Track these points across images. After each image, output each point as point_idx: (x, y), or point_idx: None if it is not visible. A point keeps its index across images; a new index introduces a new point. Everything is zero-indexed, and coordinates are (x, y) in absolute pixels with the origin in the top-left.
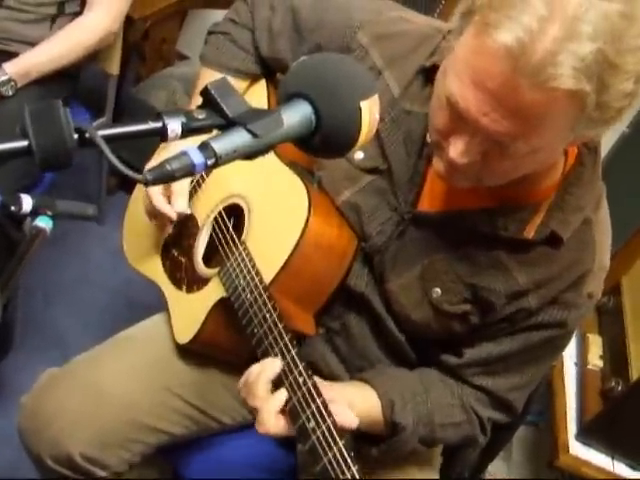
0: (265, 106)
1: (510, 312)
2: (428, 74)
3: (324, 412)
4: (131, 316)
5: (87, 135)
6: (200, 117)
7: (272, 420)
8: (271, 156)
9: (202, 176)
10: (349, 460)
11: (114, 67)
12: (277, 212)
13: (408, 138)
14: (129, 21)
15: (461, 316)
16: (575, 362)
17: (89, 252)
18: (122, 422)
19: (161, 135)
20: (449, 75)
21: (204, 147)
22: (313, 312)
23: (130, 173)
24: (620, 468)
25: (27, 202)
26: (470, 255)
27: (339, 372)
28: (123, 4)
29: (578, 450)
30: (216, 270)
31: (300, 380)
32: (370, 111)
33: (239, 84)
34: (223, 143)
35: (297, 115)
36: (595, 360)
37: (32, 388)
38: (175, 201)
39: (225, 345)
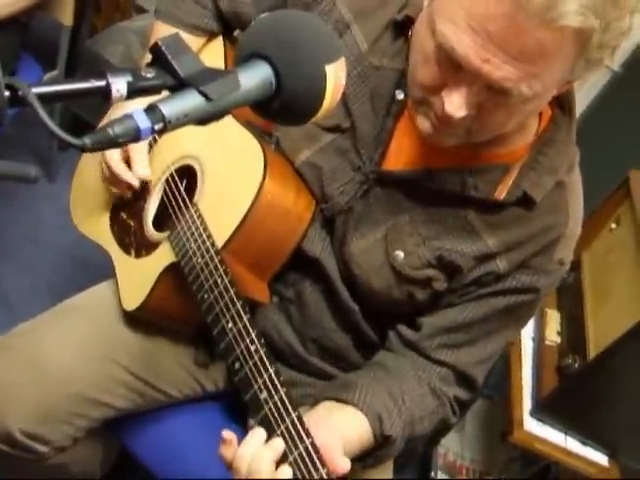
0: (221, 66)
1: (477, 275)
2: (399, 28)
3: (277, 382)
4: (81, 277)
5: (20, 93)
6: (149, 76)
7: None
8: (229, 117)
9: (154, 137)
10: (302, 432)
11: (67, 17)
12: (231, 174)
13: (375, 94)
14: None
15: (424, 282)
16: (532, 337)
17: (38, 211)
18: (64, 396)
19: (104, 95)
20: (440, 22)
21: (152, 110)
22: (267, 279)
23: (65, 136)
24: (572, 444)
25: None
26: (437, 217)
27: (292, 342)
28: None
29: (532, 426)
30: (166, 234)
31: (252, 348)
32: (335, 76)
33: (195, 41)
34: (173, 106)
35: (255, 77)
36: (553, 336)
37: None
38: (136, 167)
39: (175, 313)
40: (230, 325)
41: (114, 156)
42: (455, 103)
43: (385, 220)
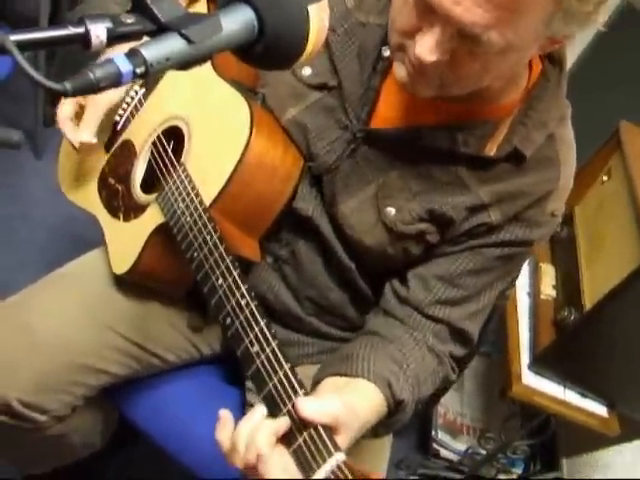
0: None
1: (470, 227)
2: None
3: (268, 335)
4: (73, 254)
5: None
6: (128, 22)
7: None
8: (212, 75)
9: (140, 99)
10: (295, 383)
11: None
12: (218, 132)
13: (362, 51)
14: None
15: (417, 236)
16: (528, 292)
17: (27, 188)
18: (59, 364)
19: (84, 42)
20: None
21: (133, 54)
22: (258, 237)
23: (45, 81)
24: (571, 396)
25: None
26: (427, 172)
27: (288, 302)
28: None
29: (530, 380)
30: (154, 196)
31: (242, 303)
32: (319, 17)
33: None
34: (154, 50)
35: (237, 20)
36: (548, 290)
37: None
38: (80, 129)
39: (166, 275)
40: (220, 281)
41: (62, 114)
42: (426, 46)
43: (374, 178)
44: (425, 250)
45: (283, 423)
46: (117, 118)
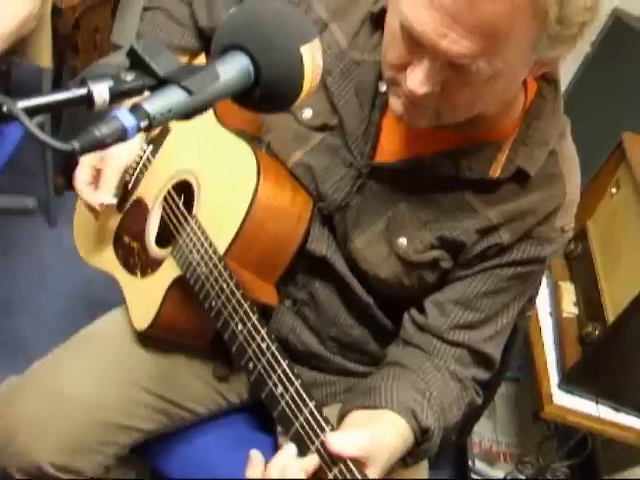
0: None
1: (482, 249)
2: (376, 20)
3: (291, 375)
4: (92, 318)
5: (4, 109)
6: (129, 79)
7: None
8: (217, 127)
9: (148, 158)
10: (321, 420)
11: (45, 60)
12: (226, 182)
13: (360, 88)
14: (57, 12)
15: (431, 264)
16: (550, 312)
17: (43, 256)
18: (89, 424)
19: (88, 102)
20: (402, 1)
21: (135, 109)
22: (273, 281)
23: (54, 142)
24: (605, 412)
25: None
26: (434, 200)
27: (312, 344)
28: None
29: (562, 399)
30: (169, 249)
31: (263, 346)
32: (312, 56)
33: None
34: (156, 103)
35: (234, 68)
36: (570, 307)
37: None
38: (99, 191)
39: (186, 326)
40: (240, 327)
41: (81, 179)
42: (417, 79)
43: (384, 211)
44: (440, 277)
45: (312, 460)
46: (127, 177)
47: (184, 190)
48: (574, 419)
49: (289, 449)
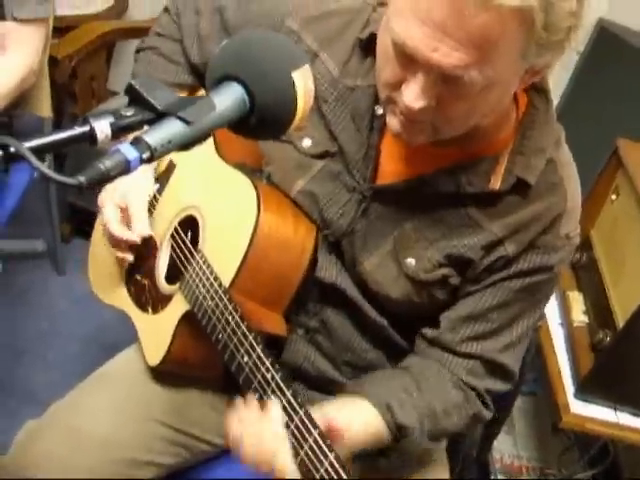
0: None
1: (488, 263)
2: (366, 46)
3: (294, 404)
4: (106, 362)
5: (12, 149)
6: (128, 114)
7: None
8: (218, 161)
9: (155, 196)
10: (325, 449)
11: (45, 109)
12: (228, 215)
13: (356, 114)
14: (54, 62)
15: (441, 281)
16: (560, 323)
17: (53, 304)
18: (110, 462)
19: (90, 139)
20: (392, 19)
21: (137, 142)
22: (281, 310)
23: (60, 178)
24: (624, 417)
25: None
26: (439, 218)
27: (326, 370)
28: (37, 40)
29: (579, 408)
30: (177, 285)
31: (268, 377)
32: (304, 81)
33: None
34: (156, 135)
35: (229, 97)
36: (580, 316)
37: (12, 446)
38: (135, 225)
39: (198, 360)
40: (245, 359)
41: (112, 219)
42: (412, 94)
43: (390, 232)
44: (450, 293)
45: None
46: None
47: (190, 226)
48: (593, 427)
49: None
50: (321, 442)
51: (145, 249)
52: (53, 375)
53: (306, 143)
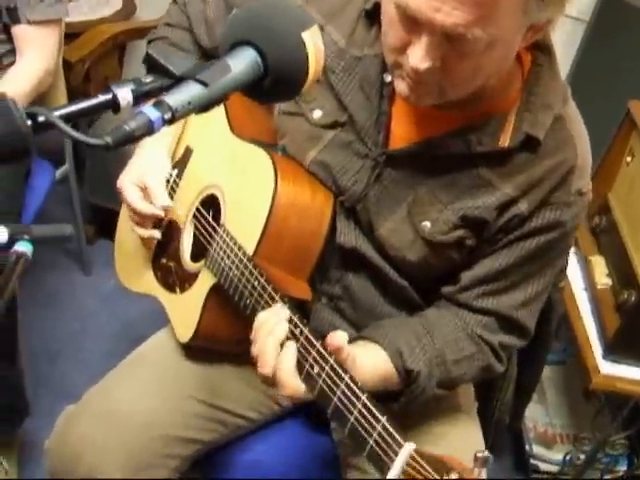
0: (221, 106)
1: (503, 222)
2: (370, 16)
3: (324, 353)
4: None
5: (40, 118)
6: (148, 81)
7: (292, 380)
8: (234, 139)
9: (175, 181)
10: (377, 412)
11: None
12: (247, 188)
13: (365, 82)
14: (68, 65)
15: (457, 243)
16: (584, 287)
17: (82, 304)
18: (149, 440)
19: (114, 105)
20: None
21: (159, 103)
22: (305, 277)
23: (88, 139)
24: None
25: (2, 232)
26: (452, 180)
27: (351, 336)
28: (52, 42)
29: (608, 368)
30: (203, 262)
31: (297, 332)
32: (313, 41)
33: None
34: (176, 97)
35: (243, 60)
36: (603, 279)
37: (52, 432)
38: (156, 199)
39: (228, 334)
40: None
41: (135, 197)
42: (417, 55)
43: (404, 197)
44: (467, 255)
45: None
46: None
47: (212, 204)
48: (623, 386)
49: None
50: (354, 386)
51: (169, 233)
52: (85, 371)
53: (317, 114)
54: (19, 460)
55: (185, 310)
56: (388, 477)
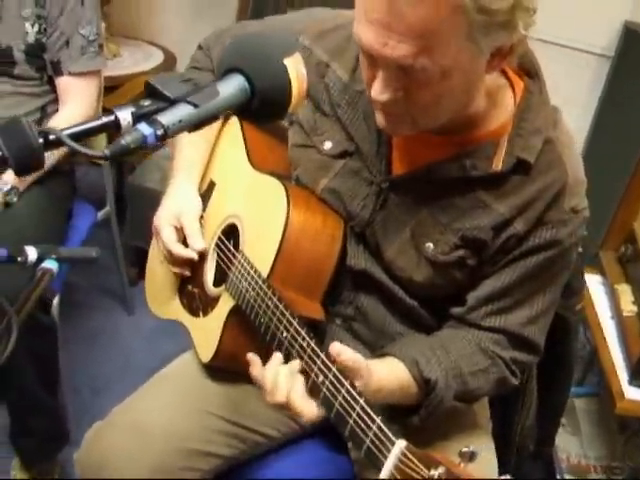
0: (242, 143)
1: (501, 242)
2: None
3: (328, 363)
4: None
5: (51, 137)
6: (146, 104)
7: (306, 404)
8: (252, 171)
9: (201, 215)
10: (389, 433)
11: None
12: (263, 215)
13: (367, 115)
14: (106, 110)
15: (458, 262)
16: (610, 316)
17: (125, 342)
18: (169, 452)
19: (115, 125)
20: (354, 26)
21: (152, 121)
22: (318, 299)
23: (89, 151)
24: None
25: (32, 252)
26: (450, 203)
27: (366, 356)
28: (92, 92)
29: (633, 394)
30: (224, 286)
31: (304, 344)
32: (295, 67)
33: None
34: (168, 116)
35: (231, 85)
36: (629, 307)
37: (82, 443)
38: (191, 241)
39: (247, 352)
40: (285, 334)
41: (171, 239)
42: (377, 88)
43: (408, 221)
44: (469, 275)
45: (296, 364)
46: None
47: (232, 233)
48: None
49: (275, 358)
50: (353, 392)
51: (194, 262)
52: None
53: (327, 145)
54: None
55: (207, 332)
56: (382, 473)
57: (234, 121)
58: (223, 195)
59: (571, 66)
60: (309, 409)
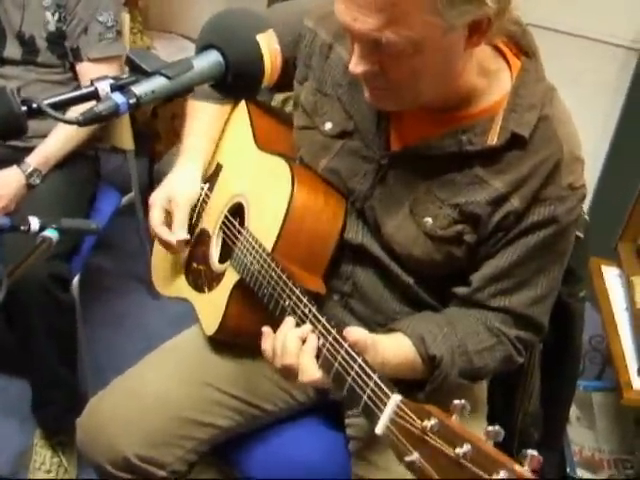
0: (249, 127)
1: (499, 219)
2: None
3: (328, 327)
4: None
5: (34, 105)
6: (124, 77)
7: (313, 365)
8: (259, 153)
9: (206, 194)
10: (386, 388)
11: (127, 143)
12: (269, 192)
13: None
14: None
15: (456, 238)
16: (625, 307)
17: (149, 325)
18: (167, 419)
19: (95, 95)
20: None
21: (126, 91)
22: (320, 274)
23: (64, 117)
24: None
25: (34, 222)
26: (448, 179)
27: None
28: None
29: None
30: (229, 262)
31: (306, 310)
32: (267, 42)
33: (224, 108)
34: (142, 87)
35: (206, 59)
36: None
37: (85, 409)
38: (175, 229)
39: (251, 327)
40: (287, 302)
41: (156, 221)
42: (352, 61)
43: (406, 196)
44: (468, 253)
45: (306, 328)
46: (191, 214)
47: (238, 211)
48: None
49: (288, 322)
50: (352, 352)
51: (200, 241)
52: None
53: (327, 126)
54: (79, 458)
55: (212, 306)
56: (378, 425)
57: (242, 107)
58: (230, 176)
59: (598, 59)
60: (313, 370)
